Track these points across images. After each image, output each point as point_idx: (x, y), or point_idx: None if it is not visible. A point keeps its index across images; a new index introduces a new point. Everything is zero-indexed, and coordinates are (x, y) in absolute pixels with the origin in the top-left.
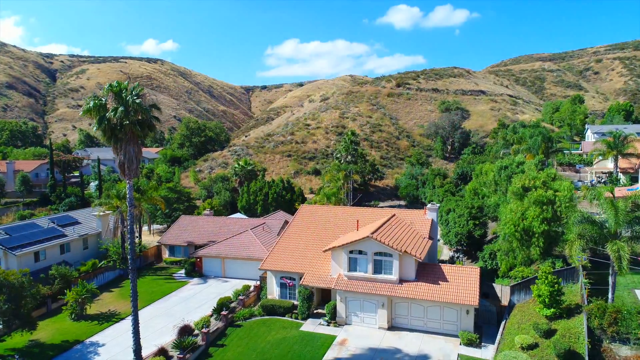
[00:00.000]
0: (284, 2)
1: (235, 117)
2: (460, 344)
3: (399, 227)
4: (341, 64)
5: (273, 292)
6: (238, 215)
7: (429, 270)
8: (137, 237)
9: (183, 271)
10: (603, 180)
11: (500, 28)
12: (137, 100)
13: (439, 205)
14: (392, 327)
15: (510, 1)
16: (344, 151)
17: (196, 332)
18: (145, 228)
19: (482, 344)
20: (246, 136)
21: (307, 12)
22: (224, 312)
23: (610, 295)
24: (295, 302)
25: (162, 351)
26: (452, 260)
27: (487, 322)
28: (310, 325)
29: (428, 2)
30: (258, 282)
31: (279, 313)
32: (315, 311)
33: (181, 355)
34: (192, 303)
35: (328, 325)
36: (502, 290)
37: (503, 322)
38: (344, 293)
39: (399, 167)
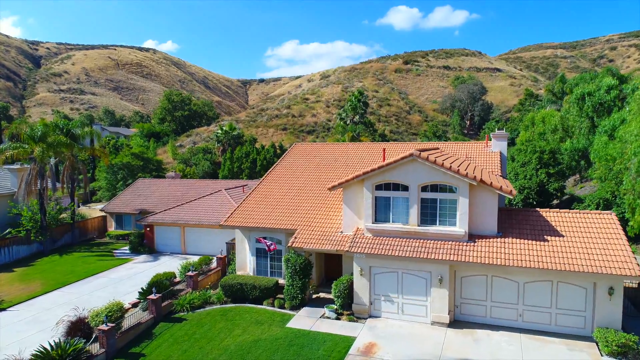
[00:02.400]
0: (284, 4)
1: (231, 109)
2: (603, 356)
3: (453, 157)
4: (340, 65)
5: (245, 265)
6: None
7: (519, 218)
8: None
9: (128, 247)
10: None
11: (500, 28)
12: None
13: (508, 134)
14: (455, 322)
15: (510, 2)
16: (350, 111)
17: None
18: (93, 208)
19: None
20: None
21: (307, 13)
22: (152, 296)
23: None
24: (281, 281)
25: None
26: None
27: None
28: (305, 319)
29: (427, 3)
30: (224, 254)
31: (251, 298)
32: (314, 295)
33: None
34: (124, 287)
35: (338, 318)
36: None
37: None
38: (367, 260)
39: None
